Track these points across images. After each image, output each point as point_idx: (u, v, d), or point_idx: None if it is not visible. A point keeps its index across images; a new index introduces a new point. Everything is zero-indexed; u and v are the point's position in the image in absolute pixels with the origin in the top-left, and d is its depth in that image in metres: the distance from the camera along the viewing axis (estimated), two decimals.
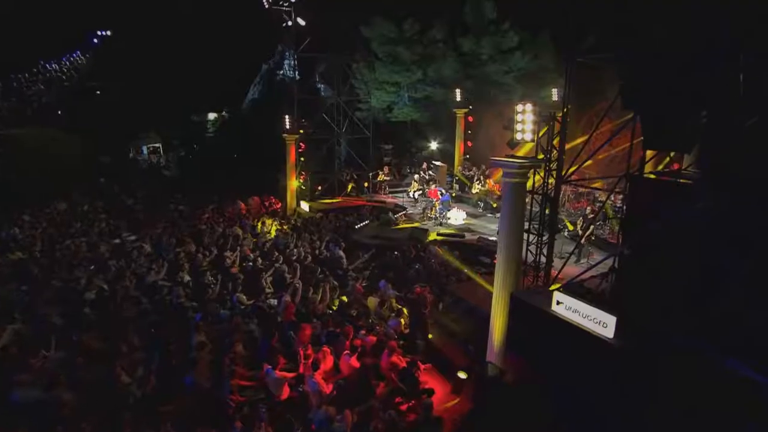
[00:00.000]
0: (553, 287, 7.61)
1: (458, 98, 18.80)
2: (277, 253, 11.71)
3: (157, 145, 30.08)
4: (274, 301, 9.52)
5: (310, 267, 10.82)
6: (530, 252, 8.02)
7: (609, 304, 6.11)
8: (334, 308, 9.27)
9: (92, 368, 6.55)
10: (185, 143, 28.35)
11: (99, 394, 6.20)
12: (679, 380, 5.13)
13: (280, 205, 16.05)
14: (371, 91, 21.02)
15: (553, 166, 7.45)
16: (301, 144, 17.48)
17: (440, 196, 15.06)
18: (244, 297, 9.55)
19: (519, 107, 7.00)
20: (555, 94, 17.62)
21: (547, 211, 7.87)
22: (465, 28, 20.80)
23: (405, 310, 9.15)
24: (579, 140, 16.14)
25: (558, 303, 6.33)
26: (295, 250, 11.94)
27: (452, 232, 13.74)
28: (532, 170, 7.45)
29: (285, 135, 17.20)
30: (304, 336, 7.59)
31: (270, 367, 6.90)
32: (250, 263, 11.08)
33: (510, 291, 7.41)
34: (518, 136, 7.14)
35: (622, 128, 7.26)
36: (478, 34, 20.47)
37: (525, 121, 6.94)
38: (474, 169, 18.09)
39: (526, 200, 8.01)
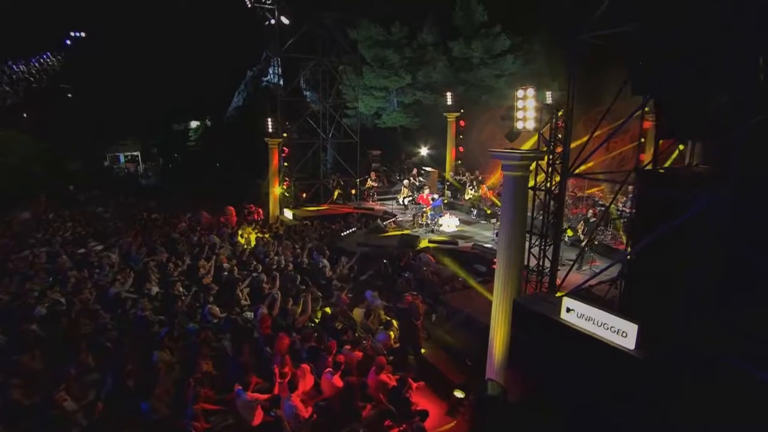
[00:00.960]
0: (558, 294, 6.94)
1: (449, 102, 18.36)
2: (255, 263, 10.95)
3: (135, 153, 29.21)
4: (250, 314, 8.79)
5: (290, 276, 10.08)
6: (533, 255, 7.36)
7: (619, 311, 5.47)
8: (317, 321, 8.53)
9: (30, 393, 5.68)
10: (165, 152, 27.60)
11: (36, 423, 5.33)
12: (710, 395, 4.48)
13: (259, 215, 15.18)
14: (359, 96, 20.48)
15: (558, 159, 6.84)
16: (284, 148, 16.81)
17: (432, 202, 14.43)
18: (217, 309, 8.77)
19: (519, 93, 6.42)
20: (549, 97, 17.12)
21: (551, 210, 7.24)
22: (455, 31, 20.50)
23: (394, 322, 8.45)
24: (578, 141, 15.80)
25: (568, 310, 5.66)
26: (275, 258, 11.19)
27: (445, 239, 13.12)
28: (534, 166, 6.82)
29: (268, 139, 16.51)
30: (281, 346, 6.81)
31: (241, 388, 6.09)
32: (226, 273, 10.28)
33: (512, 298, 6.73)
34: (519, 126, 6.53)
35: (629, 118, 6.70)
36: (468, 38, 20.15)
37: (526, 108, 6.35)
38: (467, 174, 17.55)
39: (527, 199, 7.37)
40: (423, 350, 8.17)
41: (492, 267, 10.34)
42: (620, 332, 5.06)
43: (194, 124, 30.85)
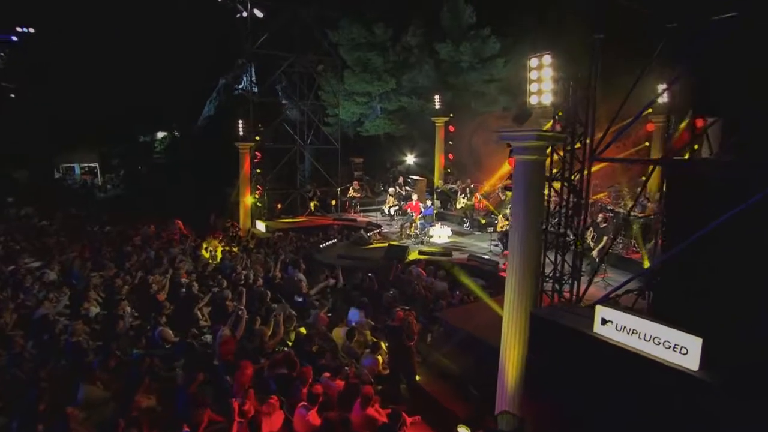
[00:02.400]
0: (582, 305, 5.99)
1: (437, 105, 17.71)
2: (220, 277, 9.82)
3: (93, 164, 27.72)
4: (211, 337, 7.60)
5: (259, 292, 8.95)
6: (548, 259, 6.42)
7: None
8: (290, 343, 7.40)
9: None
10: (128, 164, 26.28)
11: None
12: None
13: (219, 234, 13.86)
14: (340, 102, 19.68)
15: (578, 141, 5.96)
16: (257, 153, 15.78)
17: (422, 210, 13.50)
18: (170, 332, 7.57)
19: (533, 62, 5.57)
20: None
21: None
22: (442, 33, 20.04)
23: (383, 344, 7.36)
24: None
25: (604, 322, 4.70)
26: (243, 272, 10.08)
27: (437, 250, 12.18)
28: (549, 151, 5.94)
29: (238, 143, 15.48)
30: (243, 377, 5.65)
31: (188, 429, 4.89)
32: (184, 290, 9.09)
33: (527, 311, 5.75)
34: (533, 101, 5.66)
35: (660, 95, 5.92)
36: (456, 40, 19.70)
37: (541, 79, 5.49)
38: (458, 182, 16.76)
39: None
40: (418, 377, 7.09)
41: (500, 275, 9.37)
42: (677, 348, 4.10)
43: (161, 134, 29.66)
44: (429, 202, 13.98)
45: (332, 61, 18.56)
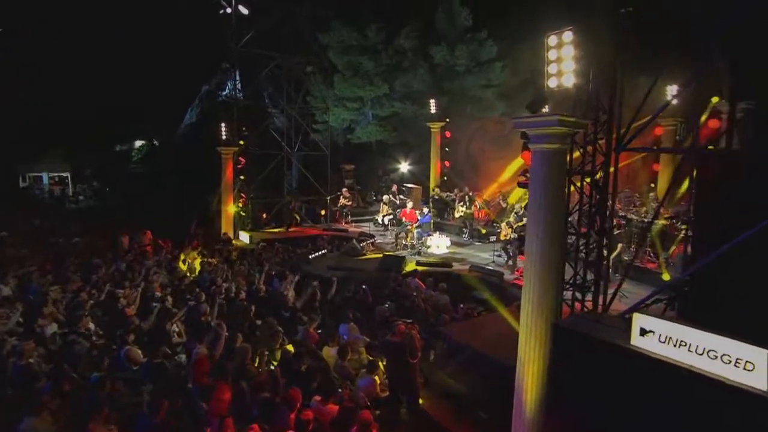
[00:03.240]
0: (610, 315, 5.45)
1: (433, 110, 17.33)
2: (198, 290, 9.18)
3: (64, 174, 26.88)
4: (185, 357, 6.92)
5: (241, 306, 8.32)
6: (569, 265, 5.88)
7: None
8: (275, 363, 6.74)
9: None
10: (102, 173, 25.52)
11: None
12: None
13: (197, 244, 13.20)
14: (329, 107, 19.23)
15: (601, 130, 5.48)
16: (240, 158, 15.19)
17: (419, 218, 12.97)
18: (138, 352, 6.87)
19: (552, 40, 5.10)
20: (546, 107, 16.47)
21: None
22: (437, 36, 19.83)
23: (381, 363, 6.74)
24: None
25: (644, 332, 4.16)
26: (224, 285, 9.45)
27: (436, 261, 11.63)
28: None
29: (221, 148, 14.90)
30: (220, 404, 5.00)
31: None
32: (156, 304, 8.42)
33: (549, 322, 5.19)
34: (551, 84, 5.18)
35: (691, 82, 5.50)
36: (452, 43, 19.48)
37: (561, 58, 5.03)
38: (455, 190, 16.31)
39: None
40: (420, 400, 6.45)
41: (508, 286, 8.80)
42: (740, 363, 3.55)
43: (138, 143, 29.00)
44: (426, 210, 13.45)
45: (321, 63, 18.11)
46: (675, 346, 3.95)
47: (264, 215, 16.19)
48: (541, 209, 5.26)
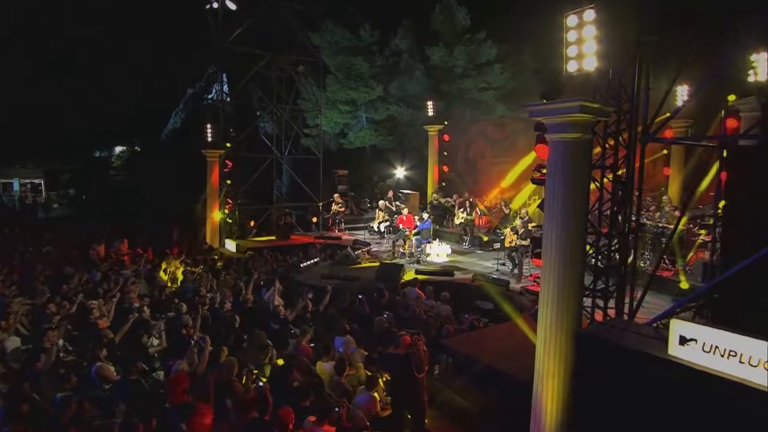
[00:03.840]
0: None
1: (430, 113, 17.07)
2: (178, 301, 8.76)
3: (36, 180, 26.27)
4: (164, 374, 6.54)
5: (227, 317, 7.89)
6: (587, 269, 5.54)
7: None
8: (264, 380, 6.30)
9: None
10: (79, 180, 24.98)
11: None
12: None
13: (176, 251, 12.80)
14: (321, 111, 18.93)
15: (624, 118, 5.17)
16: (227, 162, 14.79)
17: (418, 224, 12.62)
18: (111, 369, 6.41)
19: (572, 20, 4.80)
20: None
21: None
22: (434, 36, 19.69)
23: (381, 378, 6.32)
24: None
25: (684, 341, 3.80)
26: (208, 295, 9.05)
27: (436, 269, 11.31)
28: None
29: (206, 150, 14.51)
30: (200, 427, 4.56)
31: None
32: (132, 315, 7.95)
33: (570, 332, 4.83)
34: (571, 67, 4.87)
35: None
36: (449, 44, 19.35)
37: (583, 39, 4.73)
38: (455, 196, 16.02)
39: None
40: (426, 419, 6.02)
41: (528, 289, 8.40)
42: None
43: (118, 149, 28.55)
44: (425, 216, 13.11)
45: (314, 62, 17.84)
46: (723, 356, 3.60)
47: (252, 222, 15.70)
48: (561, 206, 4.91)
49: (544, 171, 6.08)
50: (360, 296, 9.12)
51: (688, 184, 8.12)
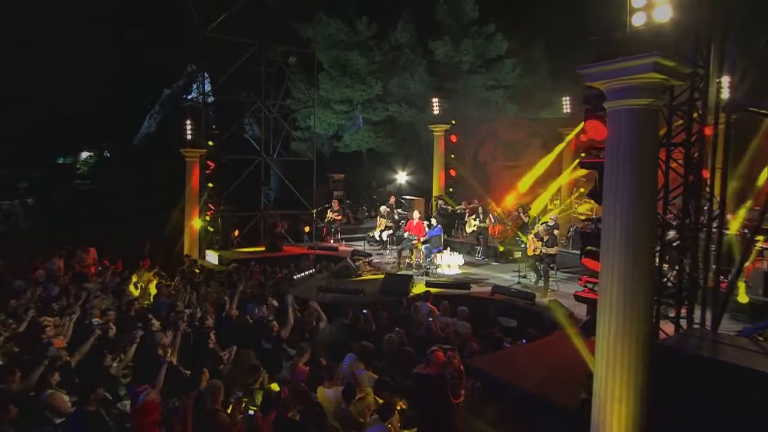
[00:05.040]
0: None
1: (436, 111, 16.63)
2: (150, 317, 8.08)
3: None
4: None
5: (205, 333, 7.23)
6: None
7: None
8: (254, 409, 5.59)
9: None
10: (39, 189, 24.27)
11: None
12: None
13: (148, 264, 12.17)
14: (315, 107, 18.39)
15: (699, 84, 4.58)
16: (209, 163, 14.18)
17: (428, 230, 12.03)
18: (64, 397, 5.72)
19: None
20: (567, 104, 15.98)
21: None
22: (438, 29, 19.39)
23: (398, 405, 5.62)
24: None
25: None
26: (187, 310, 8.39)
27: (450, 281, 10.83)
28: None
29: (185, 150, 13.90)
30: None
31: None
32: (94, 333, 7.23)
33: (643, 345, 4.19)
34: (637, 20, 4.29)
35: None
36: (455, 37, 19.03)
37: None
38: (464, 203, 15.49)
39: None
40: None
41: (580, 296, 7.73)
42: None
43: (85, 155, 27.94)
44: (434, 221, 12.53)
45: (306, 56, 17.37)
46: None
47: (236, 232, 15.03)
48: (627, 187, 4.30)
49: (596, 152, 5.51)
50: (364, 311, 8.46)
51: (745, 176, 7.54)
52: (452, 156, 16.92)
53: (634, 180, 4.31)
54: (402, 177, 20.25)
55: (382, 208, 14.43)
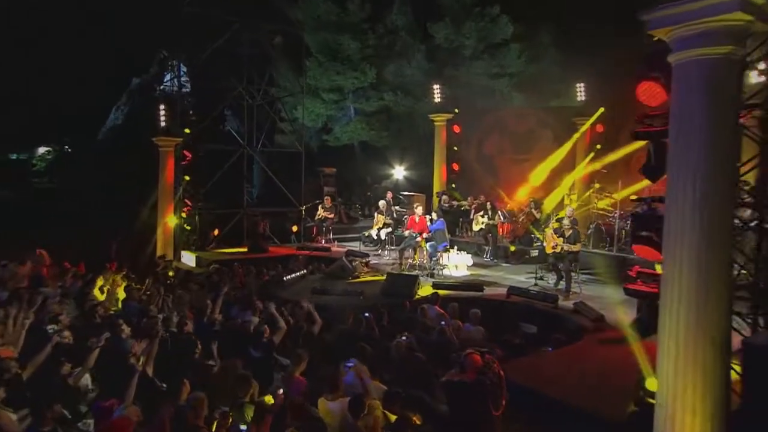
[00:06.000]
0: None
1: (437, 98, 16.28)
2: (121, 322, 7.65)
3: None
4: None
5: (187, 342, 6.74)
6: None
7: None
8: (245, 426, 5.14)
9: None
10: None
11: None
12: None
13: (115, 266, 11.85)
14: (302, 99, 18.07)
15: None
16: (185, 153, 13.68)
17: (430, 225, 11.65)
18: (12, 416, 5.26)
19: None
20: (581, 92, 15.69)
21: None
22: (438, 11, 19.06)
23: (414, 418, 5.13)
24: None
25: None
26: (161, 315, 7.97)
27: (459, 283, 10.52)
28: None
29: (159, 138, 13.40)
30: None
31: None
32: (51, 342, 6.72)
33: (721, 343, 3.75)
34: None
35: None
36: (456, 19, 18.69)
37: None
38: (470, 199, 15.14)
39: None
40: None
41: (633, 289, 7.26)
42: None
43: (42, 150, 27.32)
44: (435, 216, 12.18)
45: (293, 38, 16.94)
46: None
47: (215, 232, 14.52)
48: (702, 158, 3.86)
49: (649, 121, 5.09)
50: (366, 314, 8.04)
51: None
52: (455, 148, 16.55)
53: (710, 147, 3.87)
54: (399, 172, 19.96)
55: (381, 203, 14.05)
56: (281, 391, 5.81)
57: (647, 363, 4.84)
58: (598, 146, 14.89)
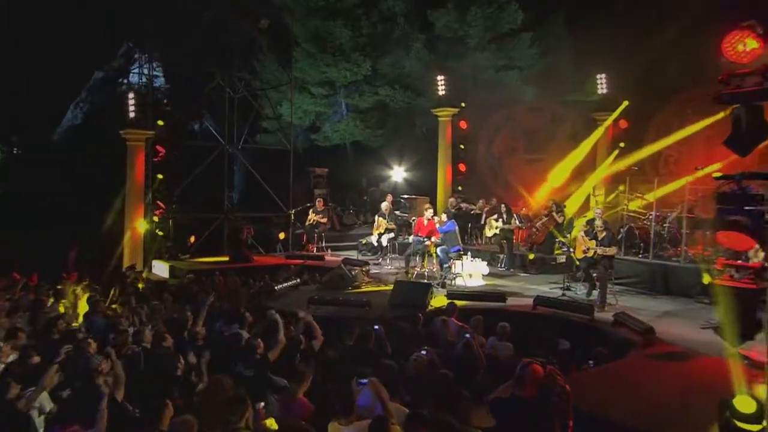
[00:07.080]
0: None
1: (441, 91, 16.09)
2: (86, 337, 7.34)
3: None
4: None
5: (167, 359, 6.32)
6: None
7: None
8: None
9: None
10: None
11: None
12: None
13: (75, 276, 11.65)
14: (290, 93, 17.92)
15: None
16: (158, 149, 13.29)
17: (439, 227, 11.44)
18: None
19: None
20: (602, 84, 15.53)
21: None
22: None
23: None
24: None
25: None
26: (131, 329, 7.76)
27: (478, 292, 10.16)
28: None
29: (126, 131, 13.15)
30: None
31: None
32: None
33: None
34: None
35: None
36: (460, 6, 18.54)
37: None
38: (481, 202, 14.88)
39: None
40: None
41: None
42: None
43: None
44: (445, 217, 11.91)
45: (279, 24, 16.65)
46: None
47: (192, 238, 14.11)
48: None
49: (738, 81, 4.68)
50: (376, 327, 7.66)
51: None
52: (461, 147, 16.32)
53: None
54: (398, 173, 19.80)
55: (384, 205, 13.80)
56: (262, 405, 5.42)
57: (740, 378, 4.41)
58: (622, 144, 14.72)
